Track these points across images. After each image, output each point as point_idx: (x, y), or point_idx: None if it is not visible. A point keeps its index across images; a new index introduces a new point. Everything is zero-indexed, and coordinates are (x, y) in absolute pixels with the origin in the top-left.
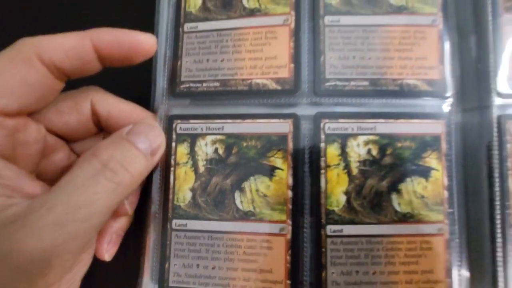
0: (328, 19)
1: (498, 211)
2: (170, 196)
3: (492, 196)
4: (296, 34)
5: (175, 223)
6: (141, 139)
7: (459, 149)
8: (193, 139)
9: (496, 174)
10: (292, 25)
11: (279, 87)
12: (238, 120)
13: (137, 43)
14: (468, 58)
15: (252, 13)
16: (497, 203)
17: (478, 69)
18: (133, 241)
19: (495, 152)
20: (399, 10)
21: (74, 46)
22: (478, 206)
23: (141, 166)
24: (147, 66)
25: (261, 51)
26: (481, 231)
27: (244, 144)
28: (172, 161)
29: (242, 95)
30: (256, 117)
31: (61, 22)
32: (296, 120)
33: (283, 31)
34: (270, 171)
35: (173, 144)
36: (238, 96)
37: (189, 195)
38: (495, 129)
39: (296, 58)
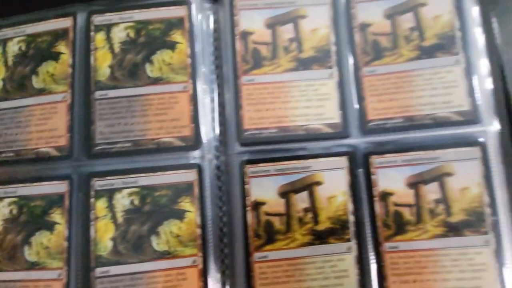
0: (98, 93)
1: (241, 242)
2: None
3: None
4: (72, 108)
5: None
6: None
7: (217, 192)
8: None
9: (240, 210)
10: (69, 101)
11: (59, 154)
12: (27, 184)
13: None
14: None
15: (39, 92)
16: (240, 237)
17: (226, 123)
18: None
19: (237, 193)
20: (156, 81)
21: None
22: (233, 238)
23: None
24: None
25: (45, 124)
26: (235, 260)
27: (32, 204)
28: None
29: (29, 163)
30: (37, 180)
31: None
32: (71, 181)
33: (62, 107)
34: (51, 226)
35: None
36: (26, 163)
37: None
38: (237, 173)
39: (71, 128)
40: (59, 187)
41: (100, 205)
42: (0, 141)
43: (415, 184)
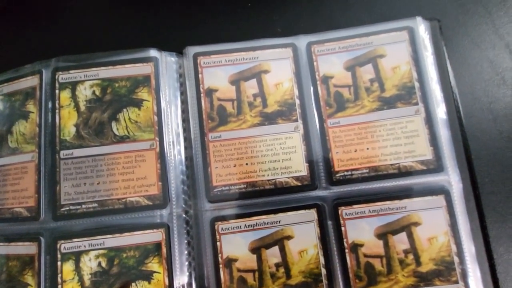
0: (63, 153)
1: None
2: None
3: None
4: (38, 168)
5: None
6: None
7: (186, 247)
8: None
9: (212, 267)
10: (36, 161)
11: (29, 214)
12: (5, 243)
13: None
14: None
15: (13, 152)
16: None
17: (194, 180)
18: None
19: (209, 250)
20: (122, 139)
21: None
22: None
23: None
24: None
25: (18, 184)
26: None
27: (10, 263)
28: None
29: (6, 222)
30: (13, 240)
31: None
32: (39, 243)
33: (31, 167)
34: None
35: None
36: (4, 222)
37: None
38: (208, 230)
39: (38, 189)
40: (30, 248)
41: (67, 268)
42: None
43: (383, 234)
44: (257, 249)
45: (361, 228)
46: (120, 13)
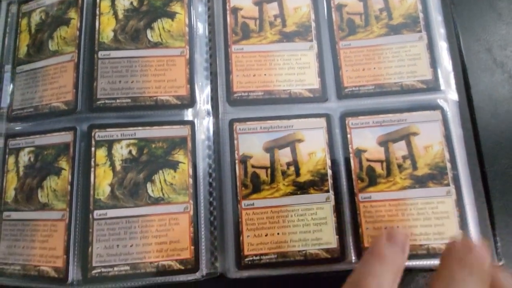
0: (101, 53)
1: (230, 191)
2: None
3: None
4: (77, 66)
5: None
6: None
7: (207, 144)
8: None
9: (229, 163)
10: (76, 60)
11: (66, 108)
12: (42, 135)
13: None
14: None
15: (53, 54)
16: (229, 186)
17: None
18: None
19: (227, 148)
20: (156, 45)
21: None
22: (223, 187)
23: None
24: None
25: (56, 82)
26: (225, 206)
27: (45, 152)
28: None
29: (44, 117)
30: (49, 132)
31: None
32: (75, 132)
33: (70, 66)
34: (58, 172)
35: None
36: (42, 117)
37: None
38: (227, 130)
39: (76, 85)
40: (65, 137)
41: (100, 154)
42: (21, 99)
43: (385, 142)
44: (270, 148)
45: (365, 136)
46: None
